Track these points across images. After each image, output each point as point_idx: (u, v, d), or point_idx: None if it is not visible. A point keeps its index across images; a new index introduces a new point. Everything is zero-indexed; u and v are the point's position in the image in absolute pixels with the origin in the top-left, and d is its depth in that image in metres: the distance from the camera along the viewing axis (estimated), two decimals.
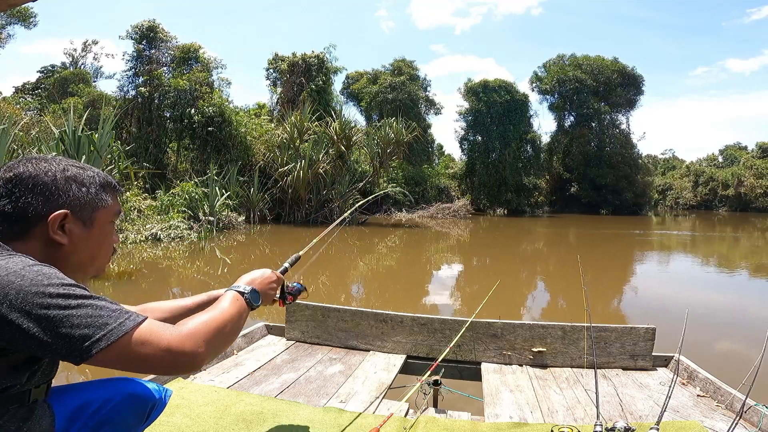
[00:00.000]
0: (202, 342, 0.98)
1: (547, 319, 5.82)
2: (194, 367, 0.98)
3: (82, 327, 0.88)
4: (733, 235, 23.06)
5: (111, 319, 0.91)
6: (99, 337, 0.88)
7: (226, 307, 1.12)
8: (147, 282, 8.03)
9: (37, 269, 0.91)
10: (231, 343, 1.11)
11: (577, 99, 37.83)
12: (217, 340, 1.03)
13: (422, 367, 2.92)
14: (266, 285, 1.34)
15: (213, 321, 1.05)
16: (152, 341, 0.92)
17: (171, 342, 0.94)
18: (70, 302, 0.89)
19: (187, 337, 0.97)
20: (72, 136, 11.57)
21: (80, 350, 0.87)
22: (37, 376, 1.02)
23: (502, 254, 14.48)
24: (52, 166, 1.06)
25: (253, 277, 1.32)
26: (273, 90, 28.06)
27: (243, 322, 1.16)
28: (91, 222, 1.09)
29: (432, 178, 31.38)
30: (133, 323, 0.92)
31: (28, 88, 32.26)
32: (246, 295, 1.20)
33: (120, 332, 0.90)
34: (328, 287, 8.49)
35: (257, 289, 1.27)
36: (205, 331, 1.01)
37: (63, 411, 1.15)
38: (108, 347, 0.88)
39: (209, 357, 1.00)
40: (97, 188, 1.10)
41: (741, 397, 2.22)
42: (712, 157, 59.59)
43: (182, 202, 15.81)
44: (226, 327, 1.07)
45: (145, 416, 1.35)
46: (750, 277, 11.16)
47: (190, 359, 0.96)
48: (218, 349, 1.04)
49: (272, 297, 1.39)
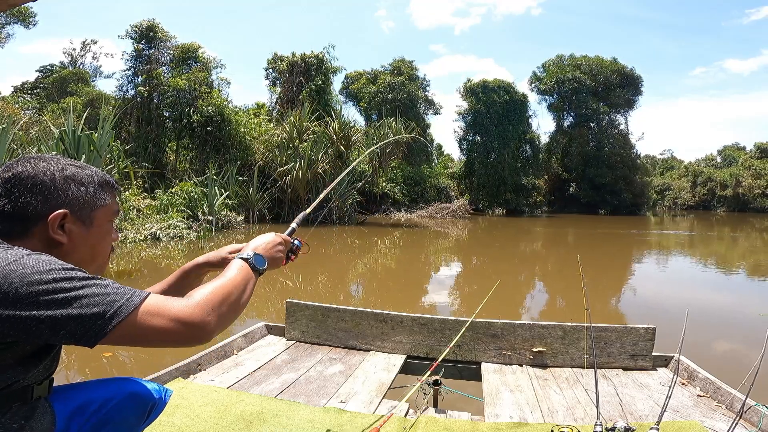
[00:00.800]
0: (210, 310, 0.99)
1: (547, 319, 5.82)
2: (205, 336, 0.98)
3: (92, 306, 0.89)
4: (732, 235, 23.10)
5: (118, 296, 0.92)
6: (111, 314, 0.89)
7: (233, 275, 1.12)
8: (146, 281, 8.03)
9: (36, 257, 0.92)
10: (240, 311, 1.11)
11: (576, 99, 37.87)
12: (226, 308, 1.04)
13: (422, 367, 2.92)
14: (271, 248, 1.33)
15: (220, 289, 1.05)
16: (162, 313, 0.93)
17: (180, 312, 0.95)
18: (75, 284, 0.90)
19: (195, 307, 0.97)
20: (72, 136, 11.56)
21: (95, 329, 0.88)
22: (39, 371, 1.02)
23: (501, 254, 14.48)
24: (50, 166, 1.05)
25: (257, 243, 1.31)
26: (272, 90, 28.08)
27: (251, 288, 1.16)
28: (90, 221, 1.09)
29: (431, 178, 31.41)
30: (140, 298, 0.94)
31: (26, 88, 32.26)
32: (250, 260, 1.20)
33: (130, 307, 0.91)
34: (328, 287, 8.49)
35: (262, 254, 1.27)
36: (213, 300, 1.01)
37: (63, 410, 1.15)
38: (120, 323, 0.89)
39: (220, 325, 1.01)
40: (95, 187, 1.11)
41: (741, 397, 2.22)
42: (711, 158, 59.71)
43: (181, 202, 15.81)
44: (233, 295, 1.07)
45: (145, 416, 1.36)
46: (749, 276, 11.18)
47: (201, 328, 0.96)
48: (228, 316, 1.04)
49: (280, 259, 1.36)
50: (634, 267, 12.47)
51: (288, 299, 3.36)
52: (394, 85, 34.60)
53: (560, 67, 39.52)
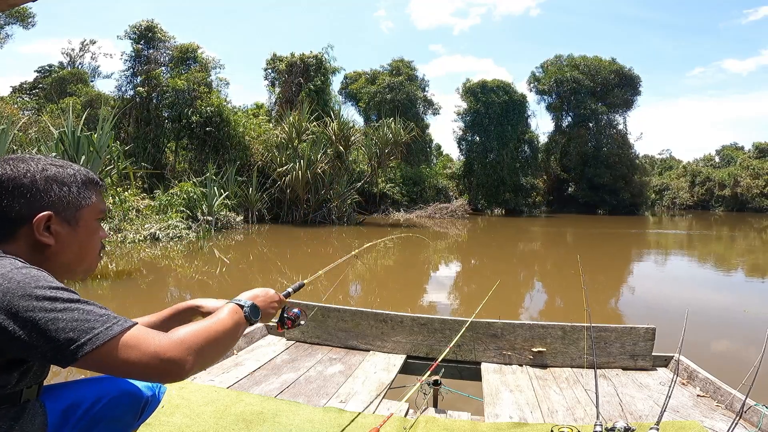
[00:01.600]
0: (191, 350, 0.96)
1: (547, 319, 5.82)
2: (180, 376, 0.95)
3: (67, 331, 0.87)
4: (730, 234, 23.12)
5: (98, 324, 0.90)
6: (85, 341, 0.87)
7: (223, 318, 1.10)
8: (145, 282, 8.02)
9: (25, 272, 0.91)
10: (224, 353, 1.09)
11: (575, 99, 37.89)
12: (208, 350, 1.01)
13: (422, 367, 2.92)
14: (267, 303, 1.32)
15: (206, 330, 1.02)
16: (139, 346, 0.91)
17: (158, 348, 0.92)
18: (57, 305, 0.88)
19: (176, 345, 0.94)
20: (71, 137, 11.54)
21: (66, 354, 0.87)
22: (28, 377, 1.01)
23: (500, 254, 14.49)
24: (30, 167, 1.03)
25: (256, 293, 1.30)
26: (271, 90, 28.05)
27: (239, 335, 1.14)
28: (75, 221, 1.07)
29: (430, 178, 31.40)
30: (121, 328, 0.91)
31: (25, 88, 32.17)
32: (246, 308, 1.18)
33: (106, 336, 0.89)
34: (327, 287, 8.48)
35: (258, 306, 1.25)
36: (196, 340, 0.98)
37: (55, 409, 1.15)
38: (93, 351, 0.87)
39: (197, 366, 0.98)
40: (79, 186, 1.09)
41: (741, 397, 2.22)
42: (709, 158, 59.75)
43: (181, 202, 15.80)
44: (220, 338, 1.04)
45: (139, 413, 1.36)
46: (749, 276, 11.19)
47: (177, 367, 0.93)
48: (208, 359, 1.02)
49: (272, 316, 1.36)
50: (634, 267, 12.48)
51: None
52: (393, 85, 34.59)
53: (559, 67, 39.55)
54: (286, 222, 20.12)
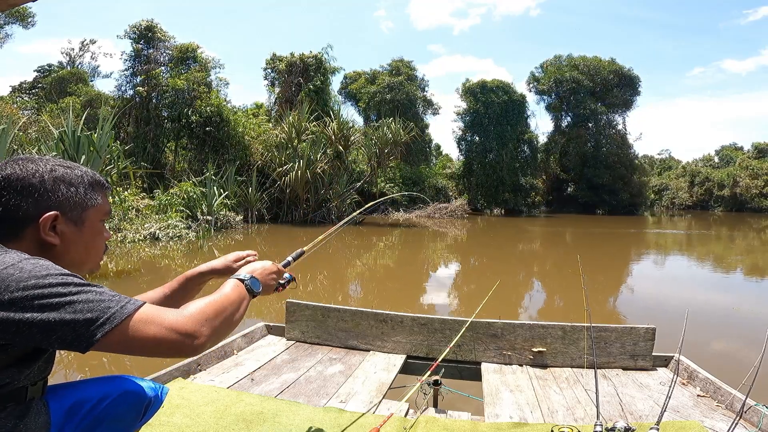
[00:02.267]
0: (204, 321, 1.01)
1: (547, 319, 5.82)
2: (197, 349, 1.00)
3: (85, 312, 0.89)
4: (729, 234, 23.12)
5: (113, 303, 0.93)
6: (103, 320, 0.90)
7: (228, 292, 1.15)
8: (145, 281, 8.01)
9: (33, 261, 0.93)
10: (233, 327, 1.14)
11: (574, 99, 37.88)
12: (219, 323, 1.05)
13: (422, 367, 2.92)
14: (266, 275, 1.37)
15: (214, 304, 1.07)
16: (155, 322, 0.95)
17: (173, 323, 0.96)
18: (71, 289, 0.91)
19: (189, 319, 0.99)
20: (71, 137, 11.52)
21: (86, 335, 0.89)
22: (33, 373, 1.02)
23: (500, 254, 14.49)
24: (39, 167, 1.05)
25: (254, 267, 1.36)
26: (271, 90, 28.04)
27: (244, 307, 1.19)
28: (81, 221, 1.09)
29: (429, 178, 31.41)
30: (134, 306, 0.95)
31: (25, 88, 32.14)
32: (246, 281, 1.23)
33: (123, 314, 0.92)
34: (326, 287, 8.49)
35: (258, 278, 1.30)
36: (207, 313, 1.03)
37: (59, 408, 1.16)
38: (113, 330, 0.90)
39: (211, 339, 1.02)
40: (85, 188, 1.11)
41: (741, 397, 2.22)
42: (708, 158, 59.77)
43: (180, 202, 15.80)
44: (227, 310, 1.09)
45: (142, 413, 1.36)
46: (748, 276, 11.19)
47: (193, 340, 0.98)
48: (220, 331, 1.06)
49: (273, 287, 1.42)
50: (633, 267, 12.48)
51: (288, 299, 3.36)
52: (392, 85, 34.59)
53: (558, 67, 39.54)
54: (286, 222, 20.12)
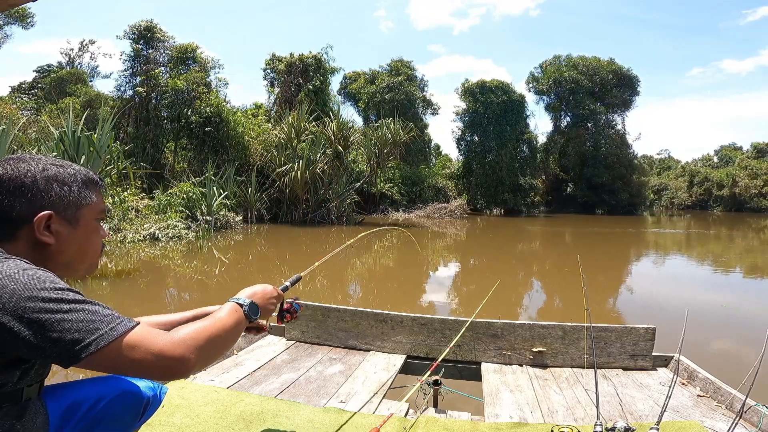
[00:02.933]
0: (193, 348, 0.99)
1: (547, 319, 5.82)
2: (182, 374, 0.98)
3: (72, 331, 0.88)
4: (729, 234, 23.13)
5: (102, 324, 0.91)
6: (89, 341, 0.89)
7: (223, 316, 1.13)
8: (145, 281, 8.01)
9: (31, 273, 0.92)
10: (225, 352, 1.11)
11: (573, 99, 37.91)
12: (210, 349, 1.03)
13: (422, 367, 2.92)
14: (266, 300, 1.34)
15: (207, 329, 1.05)
16: (143, 346, 0.93)
17: (162, 348, 0.95)
18: (62, 306, 0.90)
19: (178, 343, 0.97)
20: (72, 137, 11.51)
21: (70, 354, 0.88)
22: (30, 375, 1.02)
23: (499, 254, 14.49)
24: (31, 167, 1.04)
25: (255, 290, 1.32)
26: (270, 90, 28.03)
27: (239, 333, 1.17)
28: (76, 220, 1.08)
29: (429, 178, 31.40)
30: (125, 328, 0.93)
31: (24, 88, 32.10)
32: (245, 307, 1.20)
33: (111, 337, 0.91)
34: (326, 286, 8.48)
35: (257, 303, 1.27)
36: (198, 338, 1.01)
37: (57, 408, 1.16)
38: (98, 351, 0.89)
39: (199, 364, 1.01)
40: (79, 186, 1.10)
41: (741, 397, 2.22)
42: (707, 158, 59.80)
43: (180, 202, 15.80)
44: (220, 336, 1.07)
45: (140, 413, 1.36)
46: (748, 276, 11.20)
47: (179, 364, 0.96)
48: (210, 357, 1.04)
49: (271, 312, 1.39)
50: (633, 267, 12.49)
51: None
52: (392, 85, 34.60)
53: (557, 67, 39.56)
54: (286, 222, 20.12)
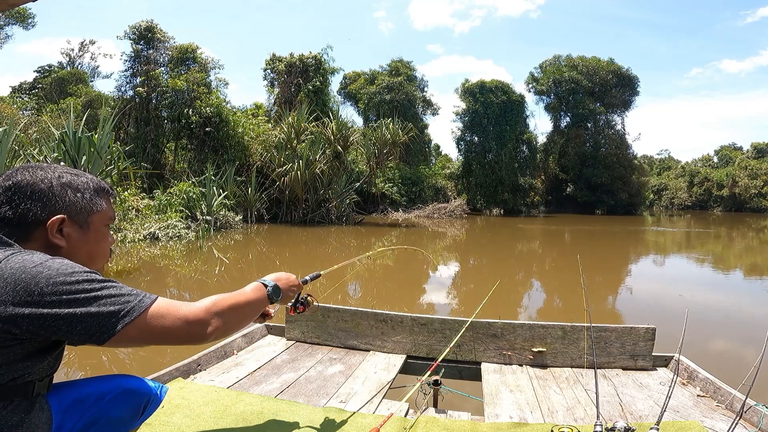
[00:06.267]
0: (216, 313, 1.11)
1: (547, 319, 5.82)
2: (206, 335, 1.09)
3: (108, 305, 0.99)
4: (729, 234, 23.14)
5: (132, 297, 1.02)
6: (124, 312, 0.99)
7: (248, 291, 1.27)
8: (145, 280, 8.01)
9: (59, 260, 1.01)
10: (244, 324, 1.22)
11: (573, 100, 37.95)
12: (231, 316, 1.15)
13: (422, 367, 2.91)
14: (288, 286, 1.47)
15: (230, 298, 1.17)
16: (170, 314, 1.05)
17: (187, 313, 1.07)
18: (95, 285, 1.00)
19: (201, 309, 1.10)
20: (73, 137, 11.50)
21: (108, 326, 0.98)
22: (43, 367, 1.07)
23: (499, 254, 14.49)
24: (48, 174, 1.13)
25: (279, 276, 1.45)
26: (270, 90, 28.05)
27: (260, 310, 1.28)
28: (87, 225, 1.15)
29: (428, 179, 31.42)
30: (150, 300, 1.04)
31: (24, 88, 32.10)
32: (269, 288, 1.34)
33: (141, 308, 1.01)
34: (326, 286, 8.47)
35: (280, 287, 1.39)
36: (221, 305, 1.13)
37: (59, 405, 1.19)
38: (132, 321, 0.99)
39: (221, 329, 1.11)
40: (91, 194, 1.18)
41: (741, 397, 2.22)
42: (707, 158, 59.84)
43: (180, 202, 15.82)
44: (243, 307, 1.19)
45: (140, 411, 1.39)
46: (748, 276, 11.20)
47: (203, 326, 1.08)
48: (231, 324, 1.15)
49: (290, 298, 1.52)
50: (632, 267, 12.49)
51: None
52: (392, 85, 34.62)
53: (557, 67, 39.59)
54: (285, 222, 20.12)
